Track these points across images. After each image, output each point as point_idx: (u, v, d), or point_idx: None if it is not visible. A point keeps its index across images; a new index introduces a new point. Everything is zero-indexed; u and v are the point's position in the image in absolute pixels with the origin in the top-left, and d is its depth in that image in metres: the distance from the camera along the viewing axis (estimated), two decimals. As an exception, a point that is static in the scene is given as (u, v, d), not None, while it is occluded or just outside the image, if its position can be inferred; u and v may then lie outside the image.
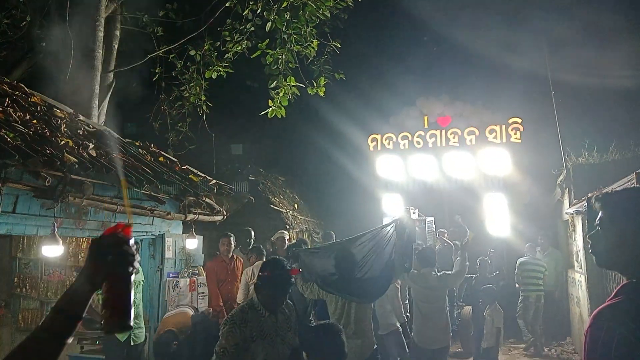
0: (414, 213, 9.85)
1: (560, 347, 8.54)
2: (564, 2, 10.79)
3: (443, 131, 12.01)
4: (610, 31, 9.39)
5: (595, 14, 9.44)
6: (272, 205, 10.28)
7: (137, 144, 6.09)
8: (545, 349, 8.39)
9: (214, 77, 8.80)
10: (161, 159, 5.97)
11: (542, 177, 10.33)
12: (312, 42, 7.82)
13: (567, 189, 8.31)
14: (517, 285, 8.94)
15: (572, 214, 7.82)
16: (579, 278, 7.84)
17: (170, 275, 6.18)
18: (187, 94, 9.78)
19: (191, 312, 5.45)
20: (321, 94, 7.97)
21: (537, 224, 10.01)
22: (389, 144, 12.32)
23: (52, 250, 4.04)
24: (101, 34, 7.43)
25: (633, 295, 1.53)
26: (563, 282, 9.28)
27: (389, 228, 4.68)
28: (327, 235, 7.03)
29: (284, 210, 10.62)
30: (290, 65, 7.77)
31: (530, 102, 11.16)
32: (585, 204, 6.12)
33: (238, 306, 3.06)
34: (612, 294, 1.60)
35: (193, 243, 6.07)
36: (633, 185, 4.43)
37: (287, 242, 7.20)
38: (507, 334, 8.91)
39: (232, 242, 6.56)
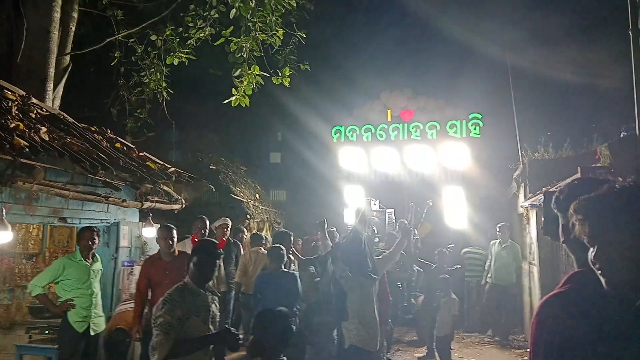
0: (374, 204, 9.98)
1: (512, 335, 8.81)
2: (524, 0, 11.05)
3: (405, 125, 12.15)
4: (567, 30, 9.69)
5: (556, 12, 9.72)
6: (233, 195, 10.17)
7: (93, 129, 5.90)
8: (497, 338, 8.64)
9: (175, 63, 8.59)
10: (118, 145, 5.82)
11: (499, 171, 10.61)
12: (277, 31, 7.73)
13: (523, 183, 8.56)
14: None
15: (527, 207, 8.07)
16: (531, 269, 8.11)
17: (125, 263, 6.05)
18: (147, 80, 9.50)
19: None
20: (286, 84, 7.90)
21: (493, 217, 10.27)
22: (352, 136, 12.38)
23: (0, 237, 3.87)
24: (57, 15, 7.13)
25: (580, 284, 1.56)
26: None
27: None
28: (280, 235, 6.72)
29: (245, 200, 10.54)
30: (255, 54, 7.66)
31: (490, 98, 11.43)
32: (542, 198, 6.29)
33: (173, 286, 3.13)
34: (561, 283, 1.64)
35: (150, 232, 5.94)
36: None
37: (228, 230, 7.16)
38: (463, 325, 9.19)
39: (175, 236, 5.20)
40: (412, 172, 11.94)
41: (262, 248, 7.27)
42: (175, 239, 5.17)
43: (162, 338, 2.78)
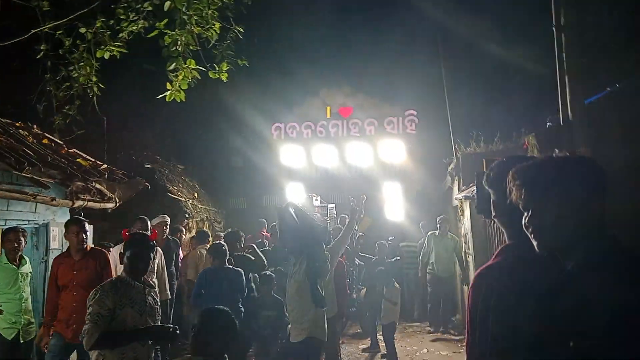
0: (316, 200, 10.03)
1: (451, 324, 9.10)
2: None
3: (345, 122, 12.35)
4: (498, 27, 10.13)
5: (485, 10, 10.14)
6: (170, 194, 9.90)
7: (17, 124, 5.56)
8: (438, 328, 8.88)
9: (106, 57, 8.19)
10: (45, 141, 5.52)
11: (434, 166, 10.96)
12: (213, 24, 7.57)
13: (457, 177, 8.89)
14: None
15: (461, 199, 8.39)
16: (467, 258, 8.44)
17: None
18: (76, 75, 9.02)
19: None
20: (223, 79, 7.75)
21: (429, 210, 10.60)
22: (292, 133, 12.42)
23: None
24: (-25, 4, 6.65)
25: (510, 256, 1.66)
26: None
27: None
28: (232, 234, 6.57)
29: (183, 199, 10.28)
30: (191, 48, 7.46)
31: (425, 95, 11.78)
32: (475, 180, 6.54)
33: (107, 280, 3.19)
34: (493, 256, 1.73)
35: (83, 232, 5.65)
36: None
37: (167, 228, 6.89)
38: (404, 315, 9.42)
39: (87, 230, 4.61)
40: (351, 167, 12.15)
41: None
42: (88, 233, 4.62)
43: (91, 327, 2.82)
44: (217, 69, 7.74)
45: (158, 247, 5.72)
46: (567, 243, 1.38)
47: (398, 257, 8.72)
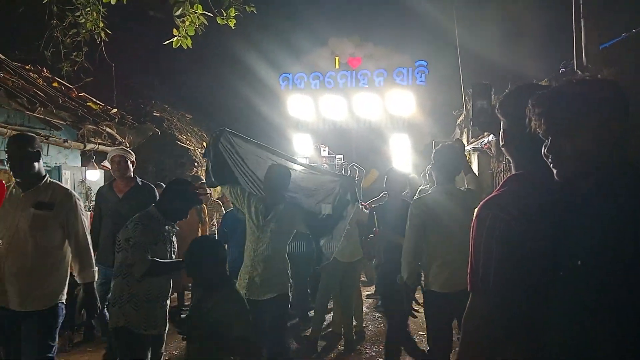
0: (324, 150, 10.06)
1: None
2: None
3: (354, 72, 12.17)
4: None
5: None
6: (179, 142, 9.94)
7: (27, 67, 5.55)
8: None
9: (112, 2, 8.09)
10: (55, 84, 5.52)
11: (443, 118, 10.88)
12: (221, -32, 7.40)
13: (466, 129, 8.85)
14: None
15: (470, 151, 8.38)
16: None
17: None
18: (83, 20, 8.91)
19: None
20: (231, 25, 7.60)
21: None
22: (300, 83, 12.29)
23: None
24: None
25: (516, 185, 1.66)
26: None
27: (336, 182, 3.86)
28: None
29: (192, 148, 10.34)
30: (198, -8, 7.33)
31: (437, 46, 11.54)
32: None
33: (139, 215, 3.06)
34: (499, 186, 1.73)
35: (94, 175, 5.74)
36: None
37: (130, 165, 4.42)
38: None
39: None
40: (359, 119, 12.07)
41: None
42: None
43: (142, 256, 2.87)
44: (224, 14, 7.63)
45: None
46: (587, 168, 1.38)
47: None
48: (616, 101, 1.38)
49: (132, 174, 4.32)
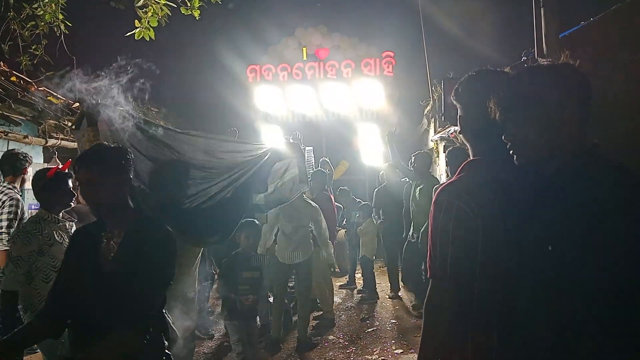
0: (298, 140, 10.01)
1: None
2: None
3: (321, 63, 12.15)
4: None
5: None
6: (146, 137, 9.73)
7: (-19, 61, 5.34)
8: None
9: (71, -7, 7.83)
10: (13, 78, 5.33)
11: (411, 108, 10.99)
12: (184, -43, 7.25)
13: (433, 119, 8.96)
14: None
15: (437, 140, 8.50)
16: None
17: (32, 207, 5.70)
18: (42, 12, 8.62)
19: None
20: (196, 15, 7.50)
21: (406, 153, 10.70)
22: (268, 75, 12.20)
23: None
24: None
25: (470, 171, 1.67)
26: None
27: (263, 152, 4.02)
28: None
29: (160, 142, 10.14)
30: (161, -18, 7.16)
31: (403, 37, 11.61)
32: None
33: (28, 219, 3.15)
34: (457, 172, 1.73)
35: (57, 172, 5.56)
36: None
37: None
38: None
39: None
40: (328, 111, 12.07)
41: None
42: None
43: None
44: (188, 5, 7.48)
45: None
46: (547, 153, 1.40)
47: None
48: (572, 85, 1.38)
49: None
